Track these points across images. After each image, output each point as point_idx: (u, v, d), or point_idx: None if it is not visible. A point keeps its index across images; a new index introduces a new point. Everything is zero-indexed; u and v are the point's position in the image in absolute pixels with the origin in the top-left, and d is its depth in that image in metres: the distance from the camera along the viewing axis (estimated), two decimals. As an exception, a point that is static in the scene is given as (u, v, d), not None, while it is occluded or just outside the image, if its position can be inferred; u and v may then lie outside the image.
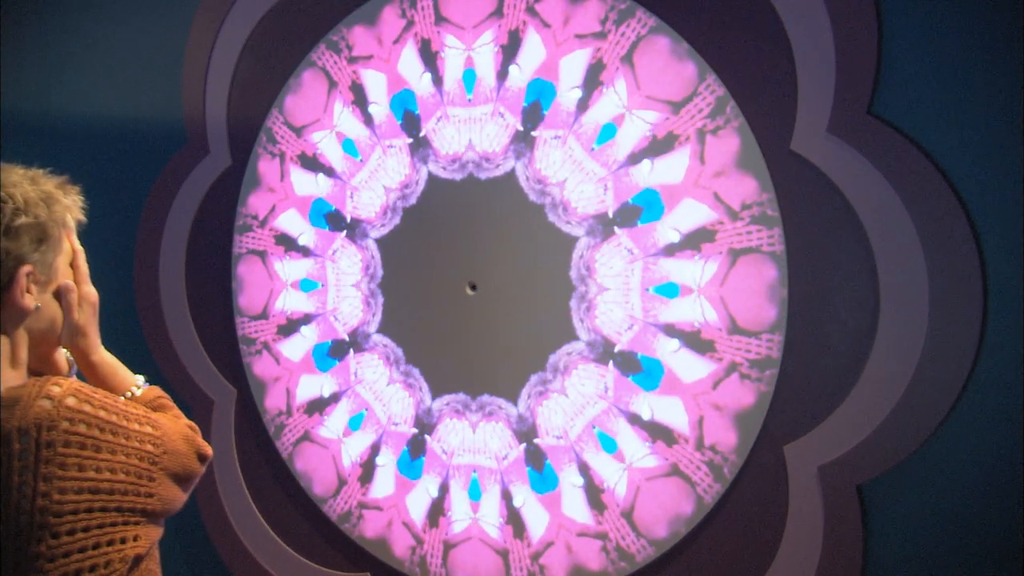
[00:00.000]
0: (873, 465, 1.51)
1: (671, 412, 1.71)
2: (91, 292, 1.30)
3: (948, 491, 1.48)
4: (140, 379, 1.37)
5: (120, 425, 1.15)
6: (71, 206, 1.23)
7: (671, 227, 1.70)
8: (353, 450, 2.09)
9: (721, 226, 1.64)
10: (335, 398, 2.12)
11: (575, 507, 1.83)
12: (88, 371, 1.33)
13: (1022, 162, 1.40)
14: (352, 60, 2.05)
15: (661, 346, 1.72)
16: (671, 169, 1.69)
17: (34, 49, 2.58)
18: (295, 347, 2.18)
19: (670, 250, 1.70)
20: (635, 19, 1.72)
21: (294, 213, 2.16)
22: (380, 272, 2.04)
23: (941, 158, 1.45)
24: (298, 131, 2.14)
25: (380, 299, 2.05)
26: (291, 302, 2.18)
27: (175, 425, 1.28)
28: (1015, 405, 1.42)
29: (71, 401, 1.10)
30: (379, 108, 2.03)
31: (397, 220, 2.02)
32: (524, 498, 1.88)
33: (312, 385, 2.15)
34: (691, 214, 1.68)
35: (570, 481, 1.83)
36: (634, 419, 1.75)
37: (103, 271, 2.54)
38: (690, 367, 1.69)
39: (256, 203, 2.22)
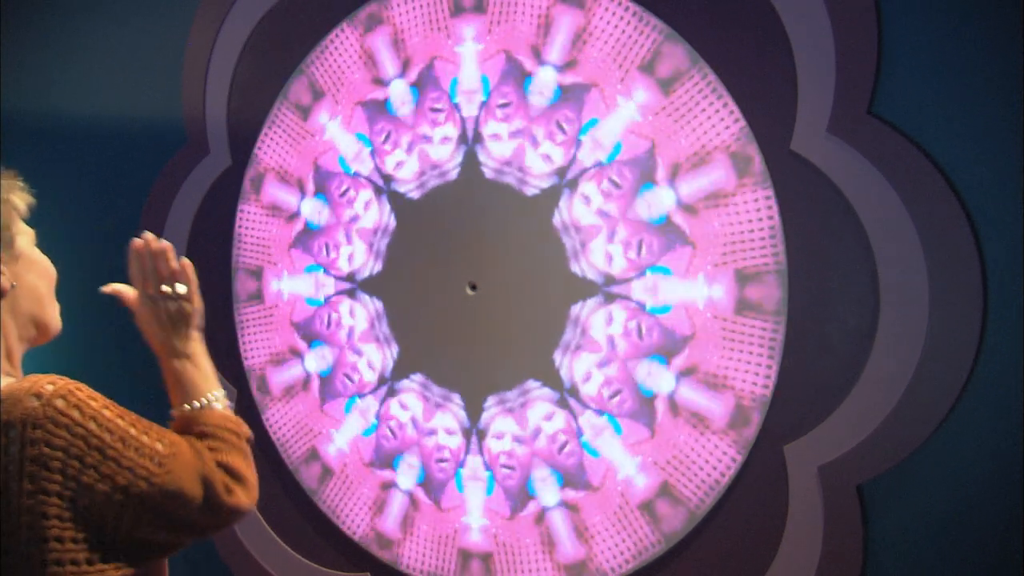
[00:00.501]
0: (873, 465, 1.51)
1: (671, 409, 1.71)
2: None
3: (948, 491, 1.48)
4: (212, 395, 1.25)
5: (107, 445, 1.08)
6: (11, 186, 1.21)
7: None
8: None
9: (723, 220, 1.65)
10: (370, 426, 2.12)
11: (572, 511, 1.83)
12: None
13: (1022, 162, 1.40)
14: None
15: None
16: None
17: (34, 49, 2.58)
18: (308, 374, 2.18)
19: (669, 246, 1.70)
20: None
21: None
22: (381, 271, 2.04)
23: (941, 158, 1.45)
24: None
25: (381, 302, 2.05)
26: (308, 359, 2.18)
27: (195, 461, 1.14)
28: (1015, 405, 1.42)
29: (60, 403, 1.07)
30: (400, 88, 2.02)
31: (397, 222, 2.02)
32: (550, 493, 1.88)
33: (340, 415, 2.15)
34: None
35: (564, 489, 1.83)
36: (636, 415, 1.75)
37: (103, 271, 2.53)
38: (690, 369, 1.69)
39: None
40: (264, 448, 2.22)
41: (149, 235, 1.29)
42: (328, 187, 2.11)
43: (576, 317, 1.80)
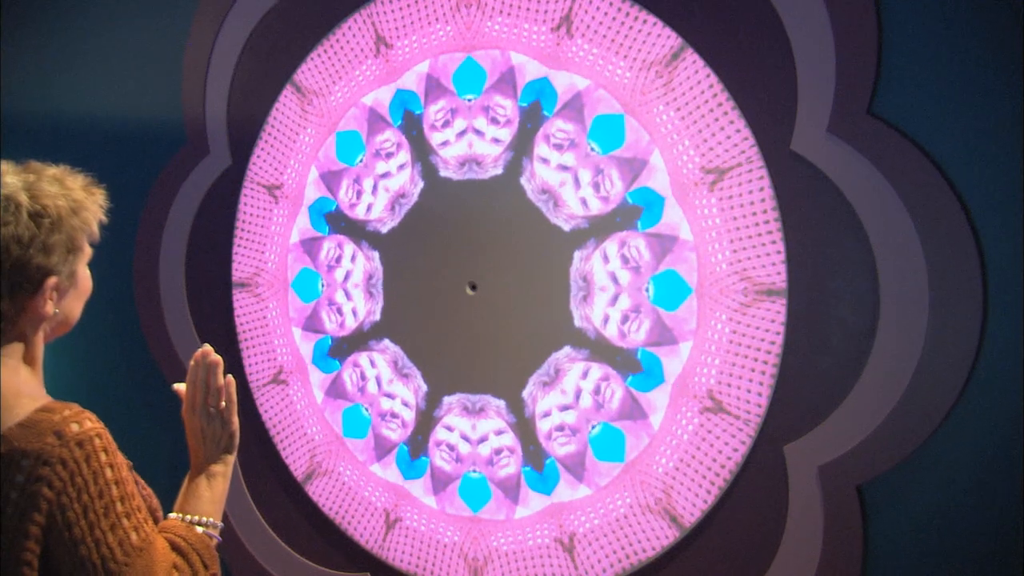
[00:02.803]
0: (873, 465, 1.51)
1: (671, 409, 1.71)
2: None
3: (948, 491, 1.48)
4: (209, 520, 1.27)
5: (91, 508, 1.08)
6: (97, 212, 1.24)
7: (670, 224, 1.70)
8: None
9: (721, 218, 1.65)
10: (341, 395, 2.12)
11: (575, 509, 1.83)
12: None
13: (1022, 162, 1.40)
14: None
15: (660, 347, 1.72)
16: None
17: (34, 49, 2.58)
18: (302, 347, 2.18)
19: (667, 245, 1.70)
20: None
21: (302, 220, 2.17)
22: (381, 274, 2.04)
23: (941, 158, 1.45)
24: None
25: (383, 301, 2.05)
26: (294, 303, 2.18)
27: (157, 570, 1.12)
28: (1015, 405, 1.42)
29: (76, 450, 1.08)
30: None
31: (397, 223, 2.02)
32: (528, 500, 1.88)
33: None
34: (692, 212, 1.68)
35: (568, 484, 1.83)
36: (636, 415, 1.75)
37: (103, 270, 2.54)
38: (689, 368, 1.69)
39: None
40: (264, 448, 2.22)
41: (208, 347, 1.32)
42: (331, 187, 2.11)
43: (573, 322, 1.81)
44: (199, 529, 1.25)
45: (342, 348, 2.11)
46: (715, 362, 1.66)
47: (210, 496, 1.29)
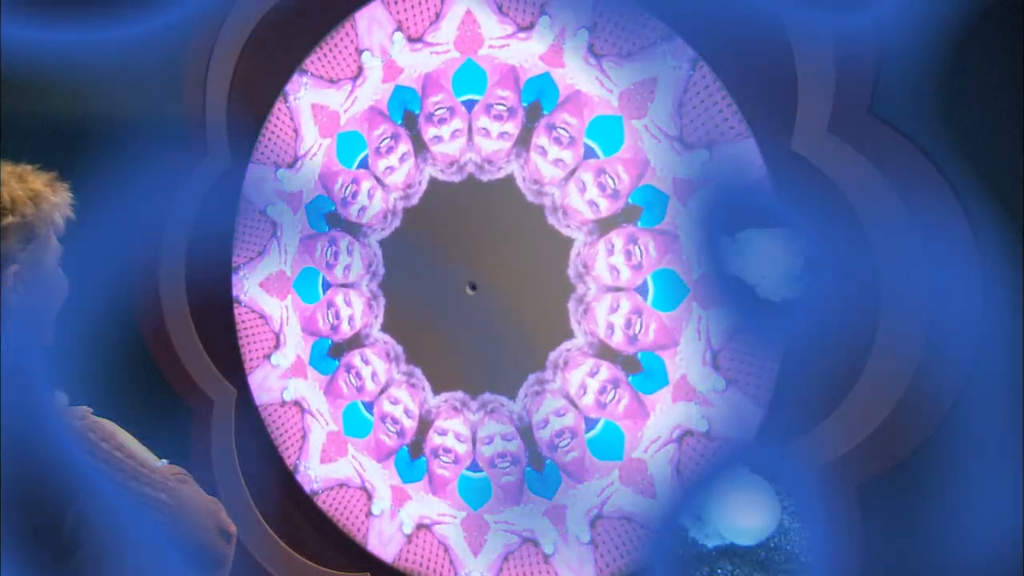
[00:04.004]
0: (873, 465, 1.51)
1: (672, 410, 1.71)
2: None
3: (948, 491, 1.48)
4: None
5: (123, 482, 1.12)
6: (60, 204, 1.20)
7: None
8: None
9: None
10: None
11: (575, 511, 1.83)
12: None
13: (1022, 162, 1.40)
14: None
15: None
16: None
17: (34, 49, 2.58)
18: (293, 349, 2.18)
19: (669, 244, 1.70)
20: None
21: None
22: (380, 259, 2.04)
23: (941, 158, 1.45)
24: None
25: (382, 302, 2.04)
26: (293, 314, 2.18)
27: (199, 497, 1.19)
28: (1015, 405, 1.42)
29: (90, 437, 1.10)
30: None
31: (397, 223, 2.02)
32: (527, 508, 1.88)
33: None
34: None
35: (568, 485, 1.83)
36: (635, 416, 1.75)
37: (103, 271, 2.53)
38: (689, 367, 1.69)
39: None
40: (264, 448, 2.22)
41: None
42: (330, 187, 2.11)
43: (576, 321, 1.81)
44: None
45: (341, 350, 2.11)
46: (716, 363, 1.66)
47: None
